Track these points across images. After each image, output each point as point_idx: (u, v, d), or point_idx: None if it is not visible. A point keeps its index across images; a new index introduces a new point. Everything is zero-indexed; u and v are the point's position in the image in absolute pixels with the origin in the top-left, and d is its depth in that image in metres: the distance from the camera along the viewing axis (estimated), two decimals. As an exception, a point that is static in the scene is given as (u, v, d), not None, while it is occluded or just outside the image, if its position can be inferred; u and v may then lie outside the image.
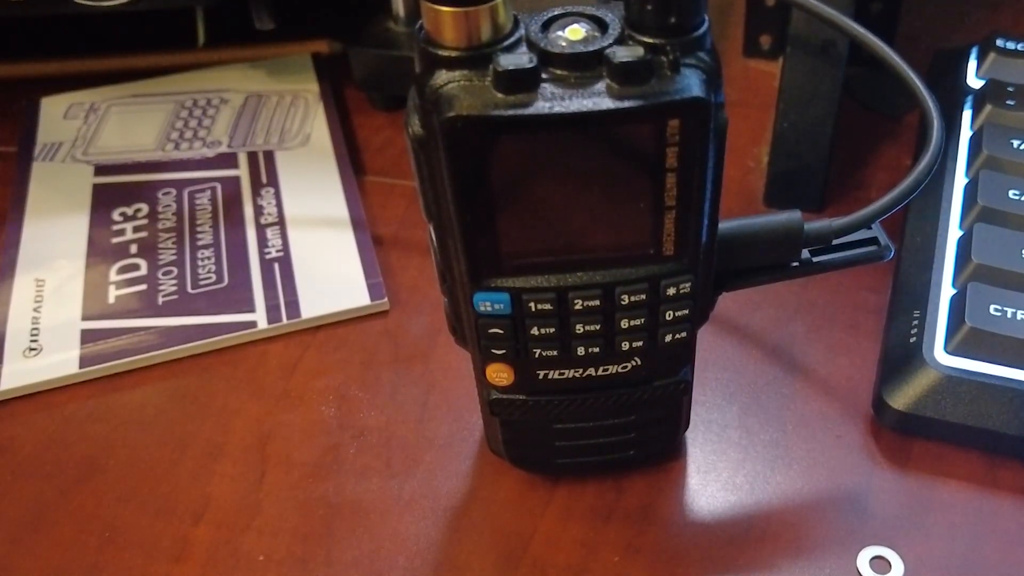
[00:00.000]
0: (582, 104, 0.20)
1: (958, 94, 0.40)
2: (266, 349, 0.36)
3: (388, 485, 0.31)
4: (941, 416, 0.31)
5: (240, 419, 0.34)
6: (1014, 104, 0.38)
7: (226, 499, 0.31)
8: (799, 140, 0.39)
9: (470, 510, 0.31)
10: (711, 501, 0.31)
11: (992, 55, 0.41)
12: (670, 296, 0.25)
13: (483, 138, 0.21)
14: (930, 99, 0.30)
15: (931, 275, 0.34)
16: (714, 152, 0.22)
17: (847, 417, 0.33)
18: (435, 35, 0.21)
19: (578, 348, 0.26)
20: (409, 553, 0.30)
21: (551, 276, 0.24)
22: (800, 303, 0.36)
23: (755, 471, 0.31)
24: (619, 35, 0.21)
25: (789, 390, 0.34)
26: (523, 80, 0.21)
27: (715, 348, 0.35)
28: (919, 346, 0.32)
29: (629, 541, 0.30)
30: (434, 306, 0.37)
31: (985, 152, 0.36)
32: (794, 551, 0.29)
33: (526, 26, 0.22)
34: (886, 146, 0.43)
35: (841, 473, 0.31)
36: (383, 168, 0.43)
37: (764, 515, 0.30)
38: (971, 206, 0.35)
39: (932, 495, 0.30)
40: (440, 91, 0.21)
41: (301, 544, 0.30)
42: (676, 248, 0.24)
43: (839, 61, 0.39)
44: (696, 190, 0.22)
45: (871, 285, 0.36)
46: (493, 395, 0.28)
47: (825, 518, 0.30)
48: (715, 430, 0.32)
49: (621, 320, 0.25)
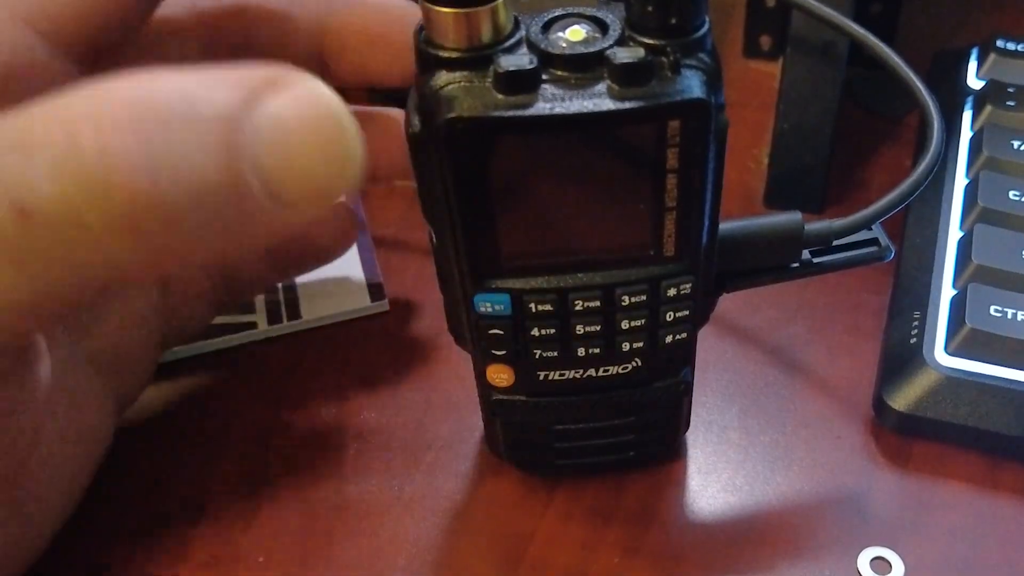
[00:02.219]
0: (582, 105, 0.20)
1: (958, 95, 0.40)
2: (266, 350, 0.36)
3: (388, 486, 0.31)
4: (941, 417, 0.31)
5: (240, 420, 0.34)
6: (1014, 105, 0.38)
7: (226, 500, 0.31)
8: (799, 141, 0.39)
9: (470, 511, 0.31)
10: (711, 502, 0.31)
11: (992, 56, 0.41)
12: (670, 297, 0.25)
13: (483, 139, 0.21)
14: (931, 100, 0.30)
15: (931, 276, 0.34)
16: (715, 153, 0.22)
17: (847, 418, 0.33)
18: (435, 36, 0.21)
19: (578, 349, 0.26)
20: (409, 554, 0.30)
21: (551, 277, 0.24)
22: (800, 304, 0.36)
23: (755, 472, 0.31)
24: (620, 36, 0.21)
25: (789, 391, 0.34)
26: (523, 81, 0.21)
27: (715, 349, 0.35)
28: (919, 347, 0.32)
29: (629, 542, 0.30)
30: (434, 307, 0.37)
31: (985, 153, 0.36)
32: (794, 552, 0.29)
33: (527, 27, 0.22)
34: (886, 147, 0.43)
35: (841, 474, 0.31)
36: (383, 169, 0.43)
37: (764, 516, 0.30)
38: (971, 207, 0.35)
39: (932, 496, 0.30)
40: (440, 92, 0.21)
41: (301, 545, 0.30)
42: (676, 249, 0.24)
43: (839, 62, 0.39)
44: (696, 191, 0.22)
45: (871, 286, 0.36)
46: (493, 396, 0.28)
47: (825, 519, 0.30)
48: (715, 431, 0.32)
49: (621, 321, 0.25)
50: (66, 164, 0.18)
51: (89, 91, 0.18)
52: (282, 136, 0.19)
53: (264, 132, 0.19)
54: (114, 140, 0.18)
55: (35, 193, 0.18)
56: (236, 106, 0.18)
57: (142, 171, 0.18)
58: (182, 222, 0.18)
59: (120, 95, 0.18)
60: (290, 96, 0.19)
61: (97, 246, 0.18)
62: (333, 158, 0.19)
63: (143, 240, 0.19)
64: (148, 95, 0.18)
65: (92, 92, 0.18)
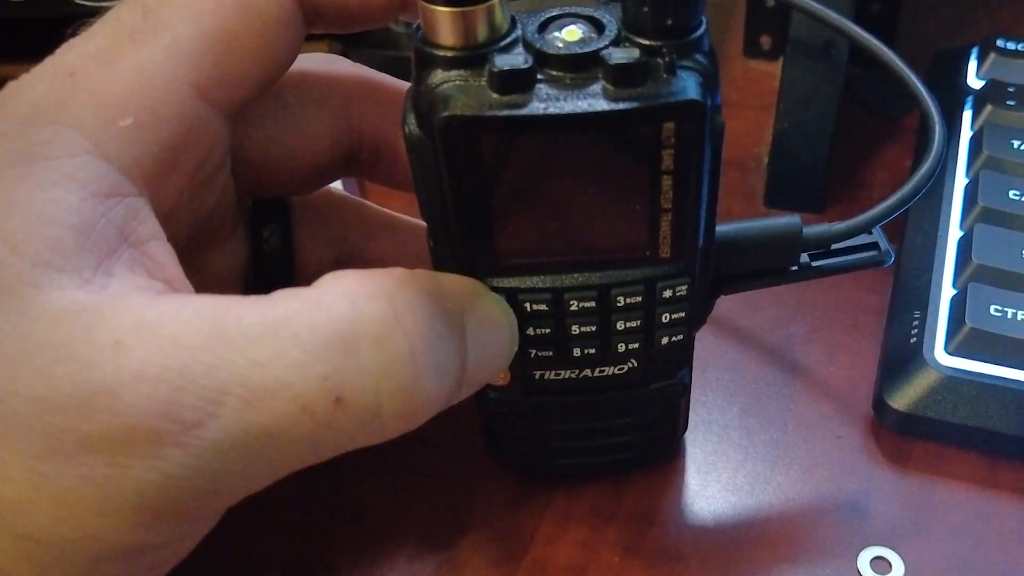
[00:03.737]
0: (577, 105, 0.20)
1: (958, 94, 0.40)
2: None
3: (388, 486, 0.31)
4: (941, 416, 0.31)
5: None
6: (1014, 104, 0.38)
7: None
8: (800, 141, 0.39)
9: (470, 511, 0.31)
10: (711, 502, 0.31)
11: (992, 55, 0.41)
12: (666, 298, 0.25)
13: (478, 138, 0.21)
14: (932, 103, 0.30)
15: (931, 276, 0.34)
16: (711, 155, 0.22)
17: (847, 418, 0.33)
18: (431, 35, 0.21)
19: (574, 349, 0.26)
20: (409, 554, 0.30)
21: (547, 277, 0.24)
22: (800, 304, 0.36)
23: (755, 472, 0.31)
24: (615, 37, 0.21)
25: (789, 391, 0.34)
26: (518, 81, 0.21)
27: (715, 349, 0.35)
28: (919, 346, 0.32)
29: (629, 542, 0.30)
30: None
31: (985, 152, 0.36)
32: (794, 552, 0.29)
33: (523, 27, 0.22)
34: (887, 146, 0.43)
35: (841, 474, 0.31)
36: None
37: (764, 516, 0.30)
38: (971, 207, 0.35)
39: (933, 495, 0.30)
40: (436, 91, 0.21)
41: (301, 546, 0.30)
42: (672, 250, 0.24)
43: (839, 62, 0.39)
44: (692, 192, 0.22)
45: (871, 286, 0.36)
46: (490, 395, 0.28)
47: (825, 519, 0.30)
48: (715, 431, 0.32)
49: (617, 322, 0.25)
50: (378, 366, 0.21)
51: (373, 288, 0.21)
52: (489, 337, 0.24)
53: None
54: (419, 348, 0.21)
55: (351, 386, 0.20)
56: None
57: (432, 378, 0.22)
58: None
59: (407, 299, 0.21)
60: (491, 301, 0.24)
61: (381, 432, 0.22)
62: (508, 352, 0.25)
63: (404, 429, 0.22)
64: (430, 300, 0.22)
65: (380, 291, 0.21)
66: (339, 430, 0.21)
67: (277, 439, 0.20)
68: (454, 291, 0.23)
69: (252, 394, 0.20)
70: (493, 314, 0.24)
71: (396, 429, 0.22)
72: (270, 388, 0.20)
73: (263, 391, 0.20)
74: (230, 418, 0.19)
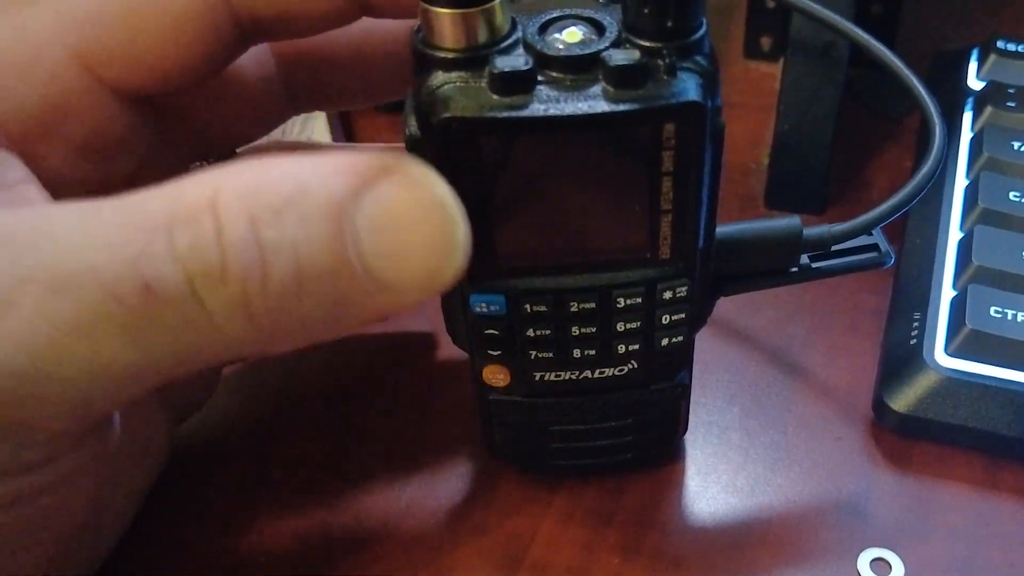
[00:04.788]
0: (577, 107, 0.20)
1: (959, 96, 0.40)
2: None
3: (388, 486, 0.31)
4: (942, 418, 0.31)
5: (240, 420, 0.34)
6: (1015, 106, 0.38)
7: (225, 502, 0.31)
8: (800, 142, 0.39)
9: (470, 512, 0.31)
10: (711, 503, 0.31)
11: (992, 57, 0.41)
12: (666, 300, 0.25)
13: (478, 139, 0.21)
14: (932, 104, 0.30)
15: (931, 277, 0.33)
16: (711, 156, 0.22)
17: (847, 419, 0.33)
18: (432, 36, 0.21)
19: (574, 350, 0.26)
20: (409, 554, 0.30)
21: (547, 278, 0.24)
22: (800, 305, 0.36)
23: (755, 473, 0.31)
24: (616, 38, 0.21)
25: (789, 392, 0.34)
26: (518, 82, 0.21)
27: (715, 350, 0.35)
28: (919, 348, 0.32)
29: (629, 543, 0.30)
30: (433, 307, 0.37)
31: (986, 154, 0.36)
32: (794, 553, 0.29)
33: (523, 28, 0.22)
34: (887, 147, 0.43)
35: (841, 475, 0.31)
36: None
37: (764, 517, 0.30)
38: (972, 208, 0.35)
39: (933, 497, 0.30)
40: (436, 92, 0.21)
41: (300, 546, 0.30)
42: (672, 252, 0.24)
43: (840, 63, 0.39)
44: (692, 194, 0.22)
45: (871, 287, 0.36)
46: (490, 396, 0.28)
47: (825, 520, 0.30)
48: (715, 432, 0.32)
49: (617, 323, 0.25)
50: (187, 248, 0.18)
51: (208, 179, 0.19)
52: (390, 224, 0.19)
53: (372, 220, 0.19)
54: (229, 228, 0.18)
55: (159, 272, 0.18)
56: (347, 194, 0.19)
57: (255, 259, 0.18)
58: (291, 307, 0.19)
59: (235, 184, 0.19)
60: (399, 184, 0.20)
61: (211, 326, 0.19)
62: (439, 248, 0.20)
63: (254, 322, 0.19)
64: (262, 184, 0.19)
65: (210, 181, 0.19)
66: (158, 323, 0.19)
67: (87, 332, 0.19)
68: (327, 180, 0.19)
69: (58, 281, 0.18)
70: (397, 206, 0.20)
71: (235, 328, 0.19)
72: (76, 274, 0.18)
73: (70, 278, 0.18)
74: (31, 308, 0.18)
